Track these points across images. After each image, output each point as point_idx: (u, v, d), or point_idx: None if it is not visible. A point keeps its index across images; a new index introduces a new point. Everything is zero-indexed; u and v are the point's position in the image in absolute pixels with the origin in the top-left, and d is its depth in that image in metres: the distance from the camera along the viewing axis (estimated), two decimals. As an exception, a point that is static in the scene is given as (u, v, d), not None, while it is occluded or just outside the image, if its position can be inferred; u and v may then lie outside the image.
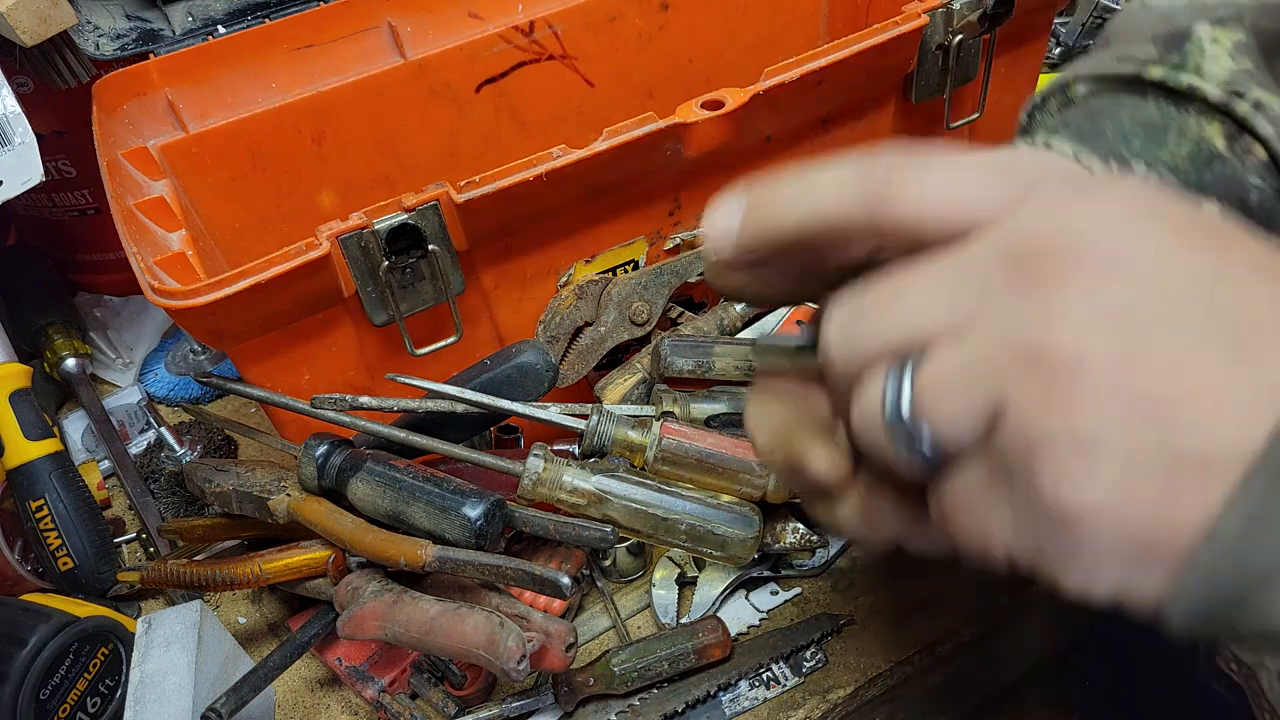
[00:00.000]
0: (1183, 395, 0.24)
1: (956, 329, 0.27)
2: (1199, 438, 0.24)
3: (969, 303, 0.27)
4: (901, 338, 0.28)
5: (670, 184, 0.72)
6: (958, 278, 0.27)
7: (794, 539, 0.67)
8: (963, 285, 0.27)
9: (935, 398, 0.27)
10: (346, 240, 0.60)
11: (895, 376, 0.28)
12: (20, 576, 0.73)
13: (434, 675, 0.65)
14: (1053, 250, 0.26)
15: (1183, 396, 0.24)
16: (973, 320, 0.27)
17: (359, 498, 0.61)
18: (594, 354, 0.73)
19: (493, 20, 0.86)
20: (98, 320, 0.99)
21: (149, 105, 0.77)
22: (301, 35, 0.80)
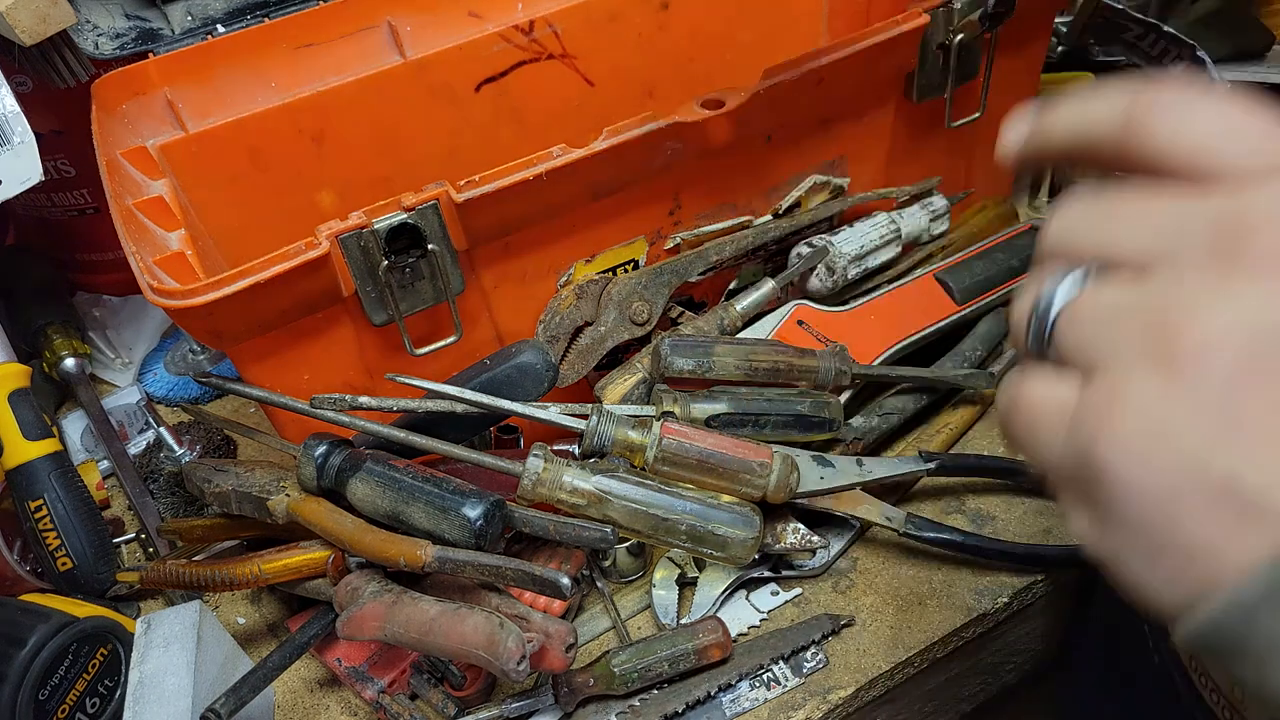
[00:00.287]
0: (1273, 445, 0.24)
1: (1141, 269, 0.28)
2: (1274, 491, 0.24)
3: (1166, 251, 0.27)
4: (1097, 250, 0.29)
5: (670, 183, 0.72)
6: (1173, 224, 0.27)
7: (794, 539, 0.67)
8: (1171, 234, 0.27)
9: (1074, 319, 0.28)
10: (346, 240, 0.60)
11: (1065, 279, 0.29)
12: (19, 576, 0.73)
13: (434, 676, 0.65)
14: (1258, 248, 0.25)
15: (1273, 446, 0.24)
16: (1159, 270, 0.27)
17: (358, 498, 0.61)
18: (594, 354, 0.73)
19: (493, 19, 0.86)
20: (97, 320, 0.99)
21: (148, 105, 0.77)
22: (301, 34, 0.80)
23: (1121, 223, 0.29)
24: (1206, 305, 0.26)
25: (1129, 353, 0.27)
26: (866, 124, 0.80)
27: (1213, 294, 0.26)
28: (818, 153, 0.78)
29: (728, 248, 0.76)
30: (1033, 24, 0.84)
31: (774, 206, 0.79)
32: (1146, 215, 0.28)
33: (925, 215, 0.85)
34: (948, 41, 0.76)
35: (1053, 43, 1.08)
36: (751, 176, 0.76)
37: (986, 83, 0.82)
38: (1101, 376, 0.27)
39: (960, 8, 0.75)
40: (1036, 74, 0.91)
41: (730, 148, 0.70)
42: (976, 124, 0.84)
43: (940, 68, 0.78)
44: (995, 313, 0.85)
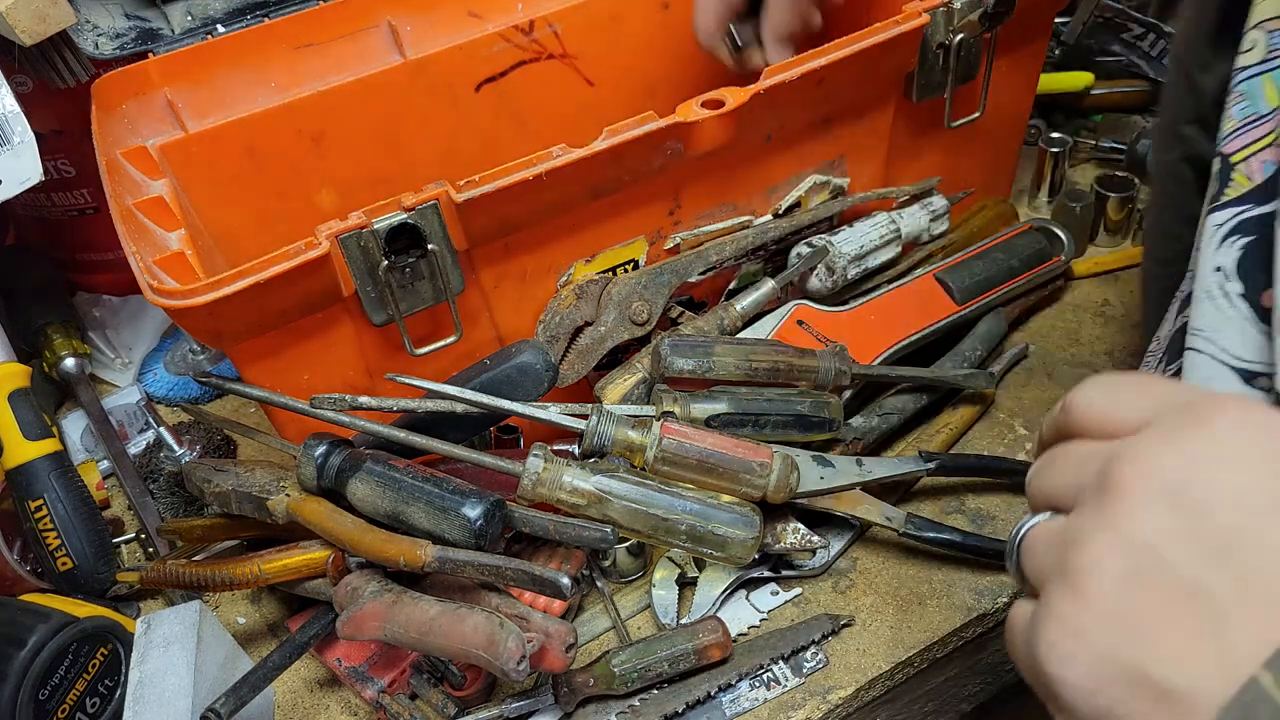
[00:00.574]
0: (1160, 632, 0.31)
1: (1065, 504, 0.37)
2: (1173, 674, 0.31)
3: (1075, 493, 0.37)
4: (1045, 496, 0.39)
5: (670, 183, 0.72)
6: (1078, 472, 0.37)
7: (794, 539, 0.67)
8: (1078, 480, 0.37)
9: (1026, 550, 0.38)
10: (346, 240, 0.60)
11: (1030, 519, 0.39)
12: (19, 576, 0.73)
13: (434, 676, 0.65)
14: (1117, 485, 0.34)
15: (1159, 633, 0.31)
16: (1070, 505, 0.37)
17: (358, 498, 0.61)
18: (594, 354, 0.73)
19: (492, 19, 0.86)
20: (97, 320, 0.99)
21: (148, 104, 0.77)
22: (301, 34, 0.80)
23: (1054, 474, 0.39)
24: (1090, 532, 0.34)
25: (1053, 576, 0.35)
26: (866, 124, 0.80)
27: (1095, 523, 0.34)
28: (818, 153, 0.78)
29: (728, 248, 0.76)
30: (1033, 24, 0.84)
31: (774, 206, 0.79)
32: (1067, 467, 0.38)
33: (925, 215, 0.85)
34: (948, 41, 0.76)
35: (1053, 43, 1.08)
36: (751, 176, 0.76)
37: (986, 83, 0.82)
38: (1043, 596, 0.35)
39: (960, 7, 0.75)
40: (1036, 74, 0.91)
41: (730, 148, 0.70)
42: (976, 124, 0.84)
43: (940, 68, 0.78)
44: (995, 313, 0.85)
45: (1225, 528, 0.32)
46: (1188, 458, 0.34)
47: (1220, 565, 0.32)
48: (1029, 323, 0.90)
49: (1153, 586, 0.32)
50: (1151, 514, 0.33)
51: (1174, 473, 0.33)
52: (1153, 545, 0.32)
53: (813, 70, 0.69)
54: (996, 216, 0.93)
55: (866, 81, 0.75)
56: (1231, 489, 0.33)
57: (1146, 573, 0.32)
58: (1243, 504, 0.32)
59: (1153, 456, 0.34)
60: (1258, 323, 0.47)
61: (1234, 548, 0.32)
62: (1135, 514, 0.33)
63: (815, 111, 0.75)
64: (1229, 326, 0.47)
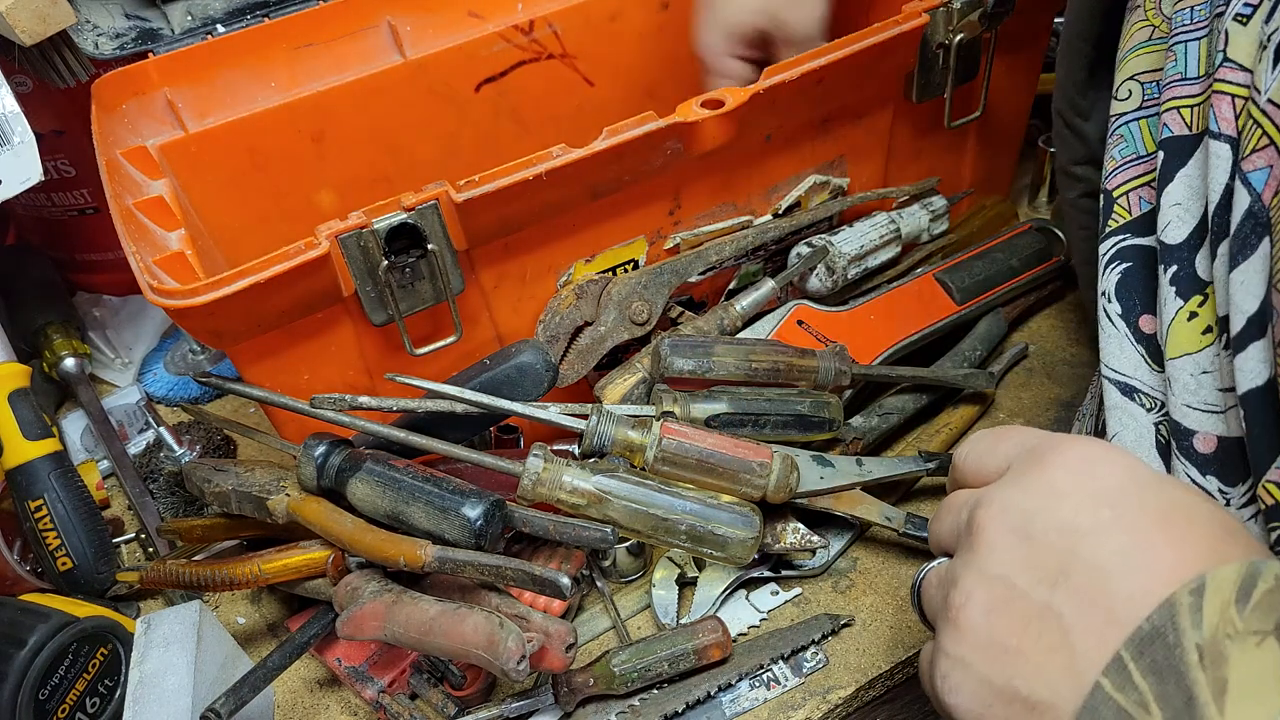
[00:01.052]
0: (1022, 652, 0.36)
1: (950, 549, 0.43)
2: (1037, 688, 0.36)
3: (954, 541, 0.43)
4: (935, 541, 0.46)
5: (670, 183, 0.72)
6: (954, 520, 0.43)
7: (794, 539, 0.67)
8: (954, 524, 0.43)
9: (923, 589, 0.45)
10: (346, 240, 0.60)
11: (925, 566, 0.45)
12: (19, 576, 0.73)
13: (434, 676, 0.65)
14: (978, 528, 0.40)
15: (1022, 653, 0.36)
16: (952, 550, 0.43)
17: (358, 498, 0.61)
18: (594, 354, 0.73)
19: (492, 19, 0.86)
20: (97, 320, 0.99)
21: (148, 104, 0.77)
22: (301, 34, 0.80)
23: (939, 522, 0.45)
24: (960, 571, 0.40)
25: (939, 614, 0.41)
26: (866, 124, 0.80)
27: (963, 562, 0.40)
28: (818, 153, 0.78)
29: (728, 248, 0.76)
30: (1033, 24, 0.84)
31: (774, 206, 0.79)
32: (948, 516, 0.44)
33: (925, 215, 0.85)
34: (948, 41, 0.76)
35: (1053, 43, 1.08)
36: (751, 176, 0.76)
37: (986, 83, 0.82)
38: (936, 634, 0.41)
39: (960, 7, 0.75)
40: (1036, 74, 0.91)
41: (730, 148, 0.70)
42: (976, 124, 0.84)
43: (940, 68, 0.78)
44: (995, 313, 0.85)
45: (1060, 551, 0.37)
46: (1029, 496, 0.39)
47: (1060, 585, 0.36)
48: (1029, 323, 0.90)
49: (1011, 612, 0.37)
50: (1004, 549, 0.38)
51: (1018, 511, 0.39)
52: (1007, 576, 0.38)
53: (812, 70, 0.69)
54: (996, 216, 0.93)
55: (866, 81, 0.75)
56: (1061, 518, 0.38)
57: (1005, 601, 0.37)
58: (1071, 529, 0.37)
59: (1002, 499, 0.40)
60: (1135, 343, 0.53)
61: (1068, 568, 0.36)
62: (992, 551, 0.39)
63: (815, 111, 0.75)
64: (1111, 343, 0.53)
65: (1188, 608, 0.33)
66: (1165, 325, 0.48)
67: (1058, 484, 0.39)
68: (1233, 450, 0.46)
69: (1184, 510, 0.37)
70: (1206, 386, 0.47)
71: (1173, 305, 0.48)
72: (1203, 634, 0.32)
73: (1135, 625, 0.34)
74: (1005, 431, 0.44)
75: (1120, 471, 0.39)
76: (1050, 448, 0.40)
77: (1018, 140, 0.96)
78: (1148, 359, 0.52)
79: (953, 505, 0.44)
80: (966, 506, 0.42)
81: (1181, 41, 0.50)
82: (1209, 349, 0.47)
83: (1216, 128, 0.45)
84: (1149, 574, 0.35)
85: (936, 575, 0.43)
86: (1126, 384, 0.53)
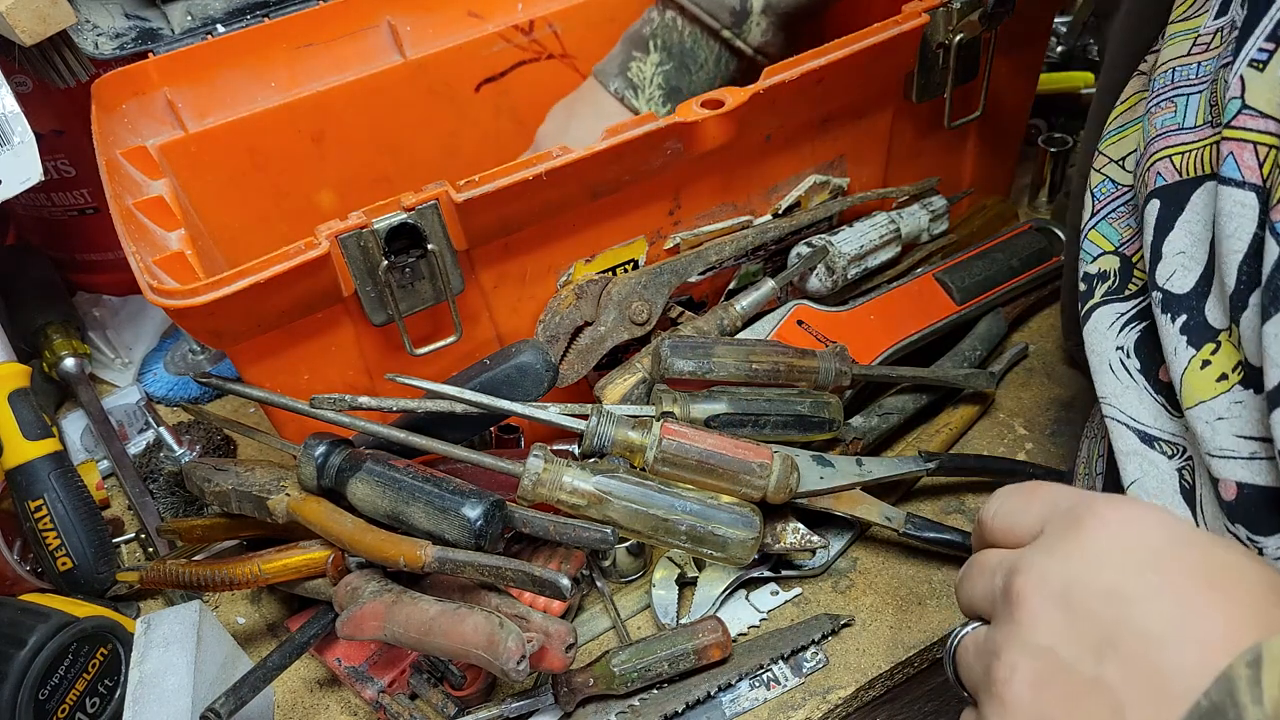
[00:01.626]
0: None
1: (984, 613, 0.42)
2: None
3: (988, 607, 0.41)
4: (968, 608, 0.44)
5: (670, 183, 0.72)
6: (988, 585, 0.41)
7: (794, 539, 0.67)
8: (988, 593, 0.41)
9: (959, 655, 0.42)
10: (346, 240, 0.60)
11: (961, 629, 0.43)
12: (19, 576, 0.73)
13: (433, 676, 0.65)
14: (1017, 597, 0.38)
15: None
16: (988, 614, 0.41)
17: (358, 498, 0.61)
18: (594, 354, 0.73)
19: (492, 19, 0.86)
20: (97, 320, 0.99)
21: (148, 104, 0.77)
22: (301, 34, 0.80)
23: (970, 585, 0.43)
24: (1002, 644, 0.38)
25: (982, 687, 0.39)
26: (866, 124, 0.80)
27: (1004, 634, 0.38)
28: (818, 153, 0.78)
29: (727, 248, 0.76)
30: (1033, 24, 0.84)
31: (774, 206, 0.79)
32: (981, 578, 0.42)
33: (925, 215, 0.85)
34: (948, 41, 0.76)
35: (1053, 43, 1.08)
36: (751, 176, 0.76)
37: (986, 83, 0.82)
38: (979, 708, 0.40)
39: (960, 7, 0.75)
40: (1036, 74, 0.91)
41: (730, 148, 0.70)
42: (977, 124, 0.84)
43: (940, 68, 0.78)
44: (995, 313, 0.85)
45: (1105, 620, 0.35)
46: (1069, 562, 0.38)
47: (1108, 657, 0.35)
48: (1029, 323, 0.90)
49: (1059, 687, 0.36)
50: (1046, 620, 0.37)
51: (1058, 579, 0.37)
52: (1051, 648, 0.36)
53: (812, 70, 0.69)
54: (996, 216, 0.93)
55: (866, 81, 0.75)
56: (1106, 585, 0.36)
57: (1052, 675, 0.36)
58: (1115, 596, 0.36)
59: (1041, 565, 0.38)
60: (1153, 394, 0.53)
61: (1115, 638, 0.35)
62: (1035, 622, 0.37)
63: (815, 111, 0.75)
64: (1128, 394, 0.53)
65: (1246, 681, 0.31)
66: (1179, 375, 0.48)
67: (1098, 548, 0.38)
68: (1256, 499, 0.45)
69: (1231, 571, 0.36)
70: (1223, 433, 0.46)
71: (1184, 355, 0.47)
72: (1265, 710, 0.31)
73: (1192, 701, 0.32)
74: (1035, 490, 0.43)
75: (1162, 532, 0.37)
76: (1087, 510, 0.39)
77: (1018, 140, 0.96)
78: (1168, 407, 0.52)
79: (984, 567, 0.42)
80: (1000, 571, 0.41)
81: (1183, 94, 0.51)
82: (1224, 396, 0.46)
83: (1239, 176, 0.44)
84: (1201, 644, 0.34)
85: (974, 643, 0.42)
86: (1146, 433, 0.52)
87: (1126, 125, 0.59)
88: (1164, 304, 0.49)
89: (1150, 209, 0.50)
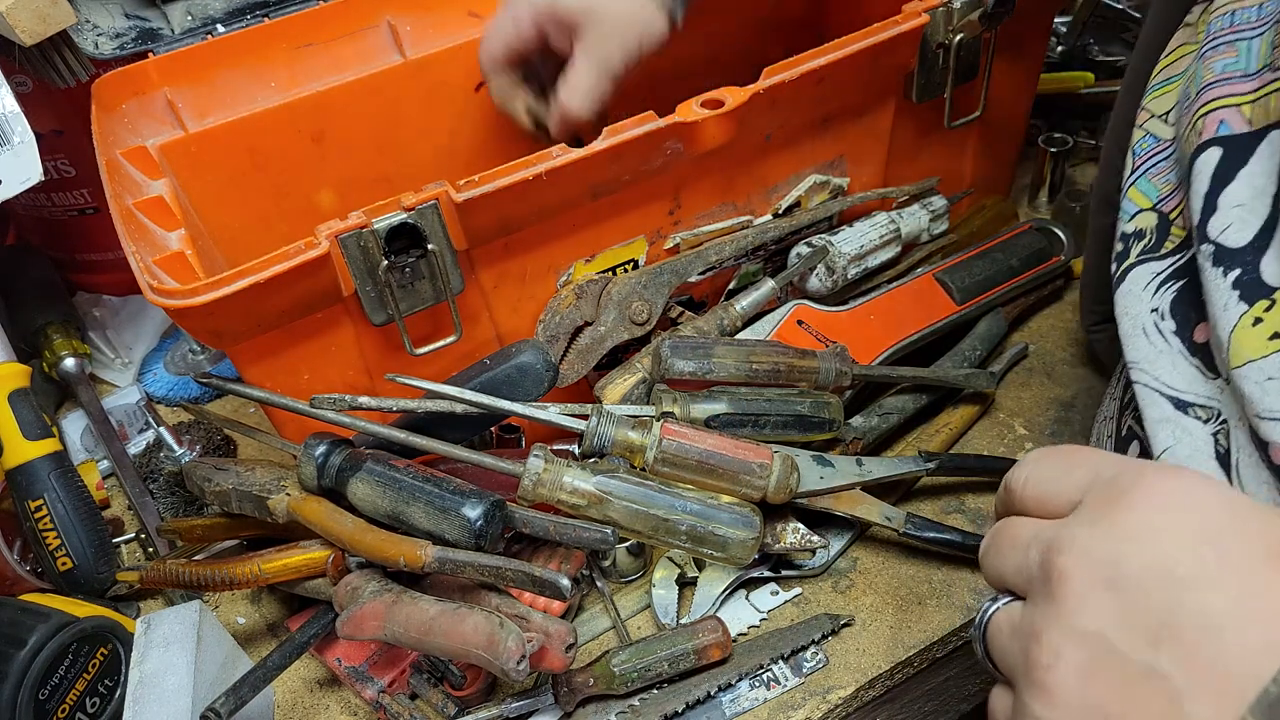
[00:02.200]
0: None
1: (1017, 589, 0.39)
2: None
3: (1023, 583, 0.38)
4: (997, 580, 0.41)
5: (670, 183, 0.72)
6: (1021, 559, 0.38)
7: (794, 539, 0.67)
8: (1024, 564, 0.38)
9: (990, 638, 0.39)
10: (346, 239, 0.60)
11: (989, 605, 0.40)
12: (19, 576, 0.73)
13: (434, 676, 0.65)
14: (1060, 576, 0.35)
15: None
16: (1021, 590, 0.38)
17: (359, 498, 0.61)
18: (594, 354, 0.73)
19: (492, 19, 0.86)
20: (97, 320, 0.99)
21: (148, 104, 0.77)
22: (301, 34, 0.80)
23: (1001, 557, 0.40)
24: (1044, 626, 0.35)
25: (1019, 672, 0.37)
26: (866, 124, 0.79)
27: (1046, 616, 0.35)
28: (818, 153, 0.78)
29: (727, 248, 0.76)
30: (1033, 24, 0.84)
31: (774, 206, 0.79)
32: (1013, 551, 0.39)
33: (925, 215, 0.85)
34: (947, 41, 0.76)
35: (1053, 43, 1.08)
36: (751, 176, 0.76)
37: (986, 82, 0.82)
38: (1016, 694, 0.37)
39: (960, 7, 0.75)
40: (1036, 74, 0.91)
41: (730, 148, 0.70)
42: (976, 124, 0.84)
43: (940, 67, 0.78)
44: (995, 313, 0.85)
45: (1160, 603, 0.33)
46: (1116, 538, 0.35)
47: (1164, 643, 0.32)
48: (1029, 323, 0.90)
49: (1110, 675, 0.33)
50: (1094, 602, 0.34)
51: (1105, 556, 0.35)
52: (1102, 633, 0.34)
53: (812, 70, 0.69)
54: (996, 216, 0.93)
55: (866, 81, 0.75)
56: (1158, 564, 0.34)
57: (1102, 662, 0.34)
58: (1171, 577, 0.33)
59: (1085, 541, 0.36)
60: (1189, 357, 0.51)
61: (1171, 623, 0.32)
62: (1082, 604, 0.34)
63: (815, 111, 0.75)
64: (1161, 359, 0.51)
65: None
66: (1226, 332, 0.46)
67: (1149, 523, 0.35)
68: None
69: None
70: (1273, 394, 0.43)
71: (1234, 311, 0.45)
72: None
73: (1259, 688, 0.30)
74: (1074, 454, 0.40)
75: (1217, 504, 0.34)
76: (1135, 479, 0.36)
77: (1018, 140, 0.96)
78: (1203, 369, 0.50)
79: (1016, 540, 0.39)
80: (1036, 545, 0.38)
81: (1244, 39, 0.48)
82: (1276, 355, 0.44)
83: None
84: (1265, 624, 0.31)
85: (1008, 622, 0.38)
86: (1180, 399, 0.50)
87: (1171, 79, 0.57)
88: (1215, 257, 0.47)
89: (1206, 159, 0.48)
